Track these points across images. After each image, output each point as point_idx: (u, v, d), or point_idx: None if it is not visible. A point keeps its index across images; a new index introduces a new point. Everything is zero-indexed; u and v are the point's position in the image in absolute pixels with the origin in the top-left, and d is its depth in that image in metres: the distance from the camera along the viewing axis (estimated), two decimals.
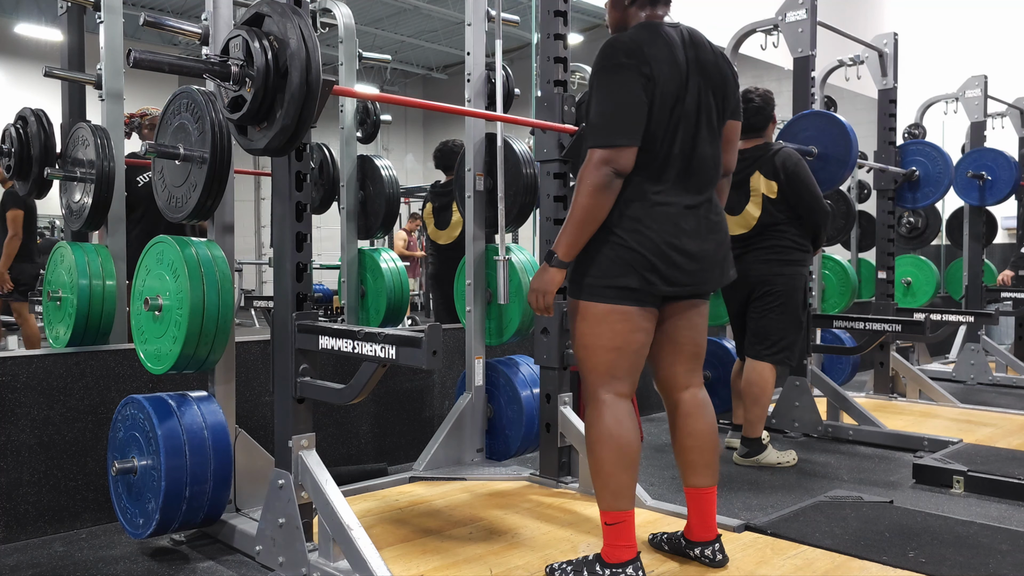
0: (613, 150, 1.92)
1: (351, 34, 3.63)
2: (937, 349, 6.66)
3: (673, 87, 1.96)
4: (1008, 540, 2.38)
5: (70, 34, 3.24)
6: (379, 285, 3.62)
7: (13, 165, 3.17)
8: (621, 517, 1.99)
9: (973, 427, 3.99)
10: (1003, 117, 6.35)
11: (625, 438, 2.00)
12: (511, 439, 3.15)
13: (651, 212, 1.98)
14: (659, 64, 1.95)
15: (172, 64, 1.91)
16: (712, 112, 2.05)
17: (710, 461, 2.15)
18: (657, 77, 1.94)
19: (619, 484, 1.99)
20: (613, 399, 2.03)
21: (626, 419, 2.02)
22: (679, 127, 1.99)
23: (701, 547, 2.17)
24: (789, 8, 4.14)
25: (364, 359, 2.00)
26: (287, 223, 2.18)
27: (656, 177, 1.99)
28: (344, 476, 2.98)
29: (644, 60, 1.94)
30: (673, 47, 1.99)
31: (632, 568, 1.97)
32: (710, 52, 2.07)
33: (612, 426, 2.00)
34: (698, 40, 2.07)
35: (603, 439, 2.01)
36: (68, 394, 2.63)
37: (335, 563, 2.08)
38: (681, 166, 2.01)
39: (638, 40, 1.97)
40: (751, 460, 3.42)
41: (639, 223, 1.97)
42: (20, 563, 2.34)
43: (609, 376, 2.03)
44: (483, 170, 3.14)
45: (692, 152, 2.02)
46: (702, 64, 2.03)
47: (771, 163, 3.40)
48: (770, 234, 3.42)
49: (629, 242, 1.97)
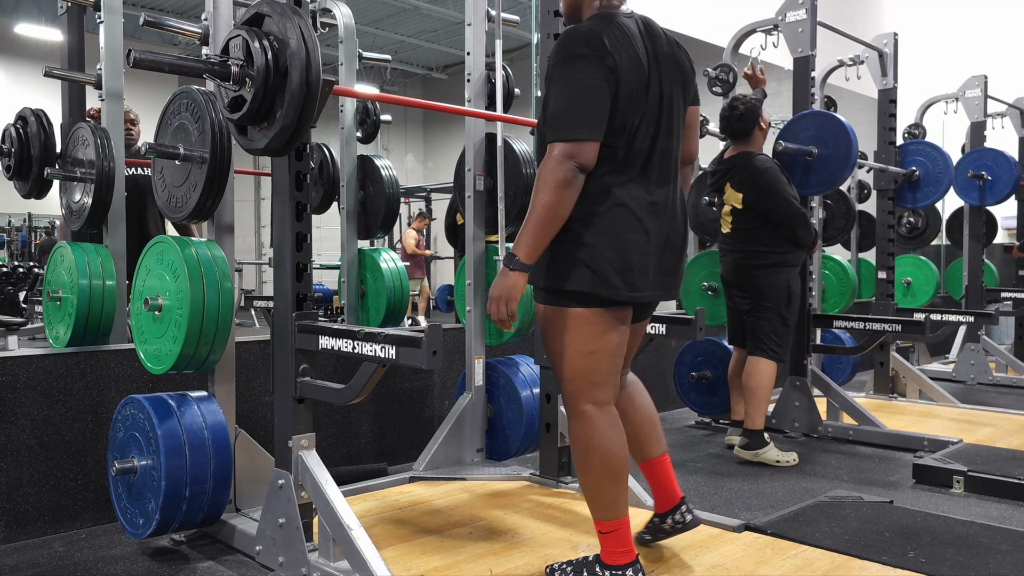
0: (575, 144, 1.82)
1: (351, 34, 3.63)
2: (937, 349, 6.66)
3: (635, 79, 1.90)
4: (1008, 540, 2.38)
5: (70, 34, 3.24)
6: (379, 285, 3.62)
7: (13, 165, 3.17)
8: (616, 525, 1.97)
9: (973, 427, 3.99)
10: (1003, 117, 6.35)
11: (611, 450, 1.95)
12: (511, 439, 3.15)
13: (614, 210, 1.90)
14: (620, 56, 1.87)
15: (172, 64, 1.91)
16: (673, 103, 2.00)
17: (658, 431, 2.22)
18: (620, 69, 1.87)
19: (609, 496, 1.96)
20: (595, 410, 1.96)
21: (610, 430, 1.96)
22: (641, 121, 1.92)
23: (671, 514, 2.21)
24: (789, 8, 4.14)
25: (364, 359, 2.00)
26: (287, 223, 2.18)
27: (619, 171, 1.92)
28: (344, 476, 2.98)
29: (606, 51, 1.86)
30: (632, 38, 1.92)
31: (632, 571, 1.96)
32: (666, 42, 2.01)
33: (597, 439, 1.95)
34: (654, 30, 2.01)
35: (589, 453, 1.95)
36: (68, 394, 2.63)
37: (335, 563, 2.08)
38: (644, 160, 1.94)
39: (598, 31, 1.89)
40: (751, 453, 3.44)
41: (601, 221, 1.90)
42: (20, 563, 2.34)
43: (588, 384, 1.95)
44: (483, 170, 3.14)
45: (654, 145, 1.95)
46: (660, 55, 1.97)
47: (740, 176, 3.55)
48: (744, 238, 3.59)
49: (591, 241, 1.89)
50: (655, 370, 4.63)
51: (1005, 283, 6.78)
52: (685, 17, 6.24)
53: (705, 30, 6.21)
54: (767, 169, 3.52)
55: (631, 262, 1.91)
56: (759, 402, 3.47)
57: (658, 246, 1.97)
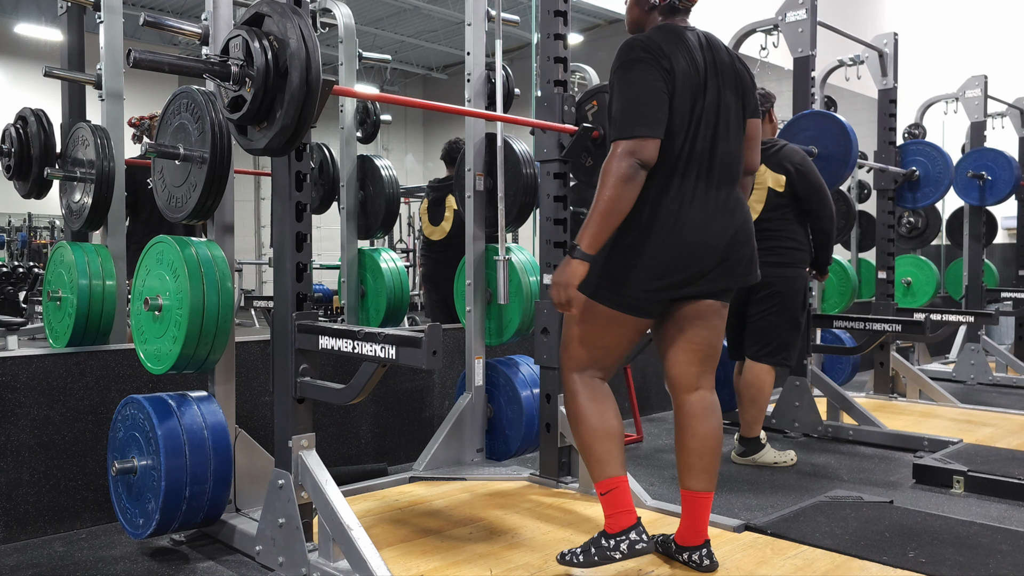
0: (636, 141, 1.93)
1: (351, 34, 3.63)
2: (937, 349, 6.66)
3: (692, 84, 2.00)
4: (1008, 540, 2.38)
5: (70, 34, 3.23)
6: (379, 285, 3.62)
7: (13, 165, 3.17)
8: (613, 484, 2.06)
9: (973, 427, 3.99)
10: (1003, 117, 6.36)
11: (600, 408, 2.11)
12: (511, 439, 3.15)
13: (673, 213, 2.01)
14: (677, 60, 1.99)
15: (172, 64, 1.91)
16: (731, 111, 2.10)
17: (709, 466, 2.12)
18: (676, 72, 1.98)
19: (602, 451, 2.08)
20: (584, 379, 2.14)
21: (599, 393, 2.13)
22: (700, 124, 2.02)
23: (689, 552, 2.14)
24: (789, 8, 4.14)
25: (364, 359, 2.00)
26: (287, 223, 2.18)
27: (680, 174, 2.02)
28: (344, 476, 2.98)
29: (663, 55, 1.98)
30: (691, 48, 2.04)
31: (635, 533, 2.02)
32: (726, 54, 2.13)
33: (587, 401, 2.11)
34: (715, 43, 2.13)
35: (581, 414, 2.12)
36: (68, 394, 2.63)
37: (335, 563, 2.08)
38: (705, 163, 2.04)
39: (655, 38, 2.02)
40: (748, 459, 3.43)
41: (660, 224, 2.00)
42: (20, 563, 2.34)
43: (589, 365, 2.14)
44: (483, 170, 3.14)
45: (713, 149, 2.05)
46: (719, 65, 2.08)
47: (776, 158, 3.42)
48: (772, 234, 3.40)
49: (646, 247, 2.01)
50: (655, 370, 4.63)
51: (1005, 283, 6.78)
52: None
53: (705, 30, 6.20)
54: (805, 155, 3.46)
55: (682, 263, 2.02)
56: (759, 411, 3.42)
57: (725, 241, 2.06)
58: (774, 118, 3.58)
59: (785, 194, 3.41)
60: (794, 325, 3.44)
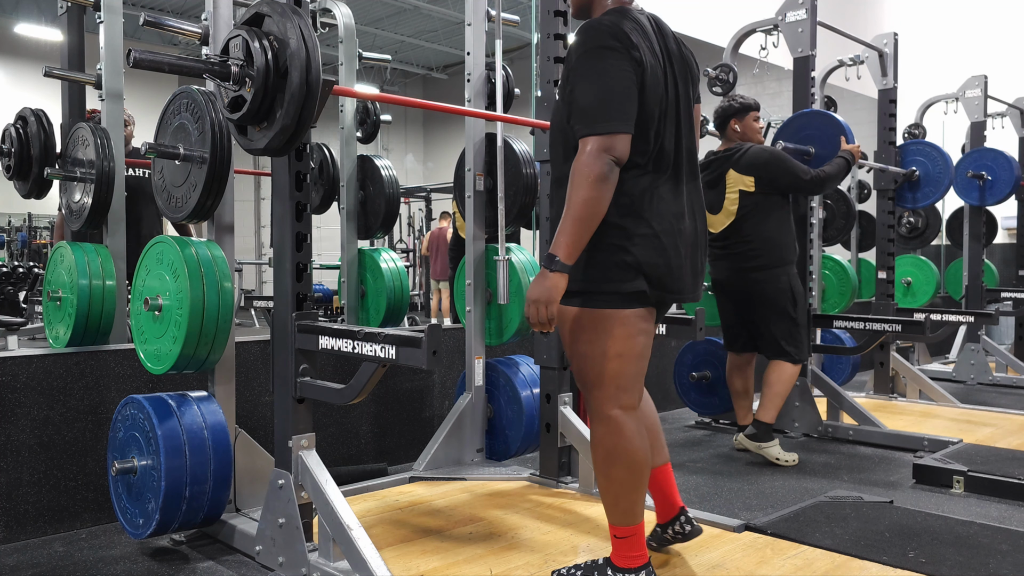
0: (610, 137, 1.78)
1: (351, 34, 3.63)
2: (937, 349, 6.66)
3: (657, 75, 1.89)
4: (1008, 540, 2.38)
5: (70, 34, 3.23)
6: (379, 285, 3.62)
7: (13, 165, 3.17)
8: (632, 531, 1.94)
9: (973, 427, 3.99)
10: (1003, 117, 6.35)
11: (635, 456, 1.91)
12: (511, 439, 3.15)
13: (650, 208, 1.88)
14: (644, 51, 1.86)
15: (172, 64, 1.91)
16: (684, 101, 1.99)
17: (661, 440, 2.20)
18: (644, 63, 1.85)
19: (629, 502, 1.92)
20: (622, 414, 1.91)
21: (637, 437, 1.91)
22: (665, 117, 1.91)
23: (671, 525, 2.20)
24: (789, 8, 4.14)
25: (364, 359, 2.00)
26: (287, 223, 2.18)
27: (653, 170, 1.90)
28: (344, 476, 2.98)
29: (632, 44, 1.84)
30: (648, 36, 1.91)
31: (645, 573, 1.93)
32: (673, 40, 2.01)
33: (623, 445, 1.90)
34: (664, 29, 2.00)
35: (614, 459, 1.91)
36: (68, 394, 2.63)
37: (335, 563, 2.08)
38: (673, 159, 1.93)
39: (620, 25, 1.86)
40: (755, 444, 3.46)
41: (638, 220, 1.87)
42: (20, 563, 2.34)
43: (615, 387, 1.90)
44: (483, 170, 3.14)
45: (679, 144, 1.95)
46: (671, 53, 1.97)
47: (742, 163, 3.57)
48: (744, 238, 3.54)
49: (625, 242, 1.87)
50: (655, 370, 4.63)
51: (1005, 283, 6.78)
52: (685, 17, 6.23)
53: (705, 30, 6.20)
54: (767, 148, 3.61)
55: (670, 263, 1.91)
56: (776, 397, 3.52)
57: (691, 246, 1.97)
58: (756, 124, 3.67)
59: (756, 191, 3.53)
60: (788, 322, 3.54)
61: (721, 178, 3.61)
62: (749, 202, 3.54)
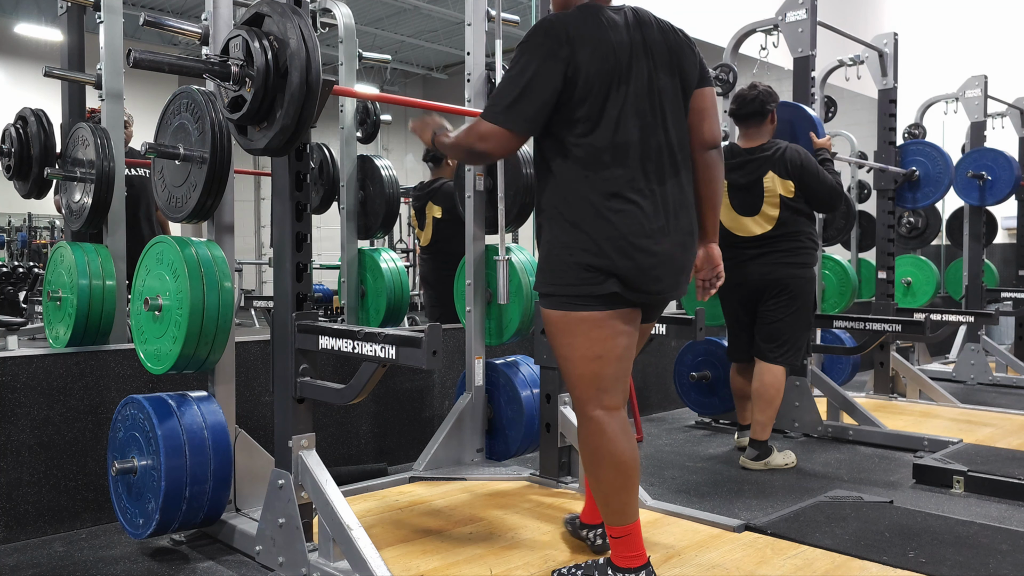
0: (490, 127, 1.88)
1: (351, 34, 3.63)
2: (937, 349, 6.66)
3: (606, 69, 1.85)
4: (1008, 540, 2.38)
5: (70, 34, 3.23)
6: (379, 285, 3.62)
7: (13, 165, 3.17)
8: (626, 531, 1.94)
9: (973, 427, 3.99)
10: (1003, 117, 6.35)
11: (621, 456, 1.91)
12: (511, 439, 3.15)
13: (614, 209, 1.86)
14: (584, 46, 1.84)
15: (172, 64, 1.91)
16: (666, 95, 1.94)
17: None
18: (579, 60, 1.84)
19: (620, 502, 1.92)
20: (605, 415, 1.92)
21: (621, 436, 1.92)
22: (628, 113, 1.87)
23: (588, 529, 2.28)
24: (789, 8, 4.14)
25: (364, 359, 2.00)
26: (287, 223, 2.18)
27: (614, 164, 1.87)
28: (344, 476, 2.98)
29: (563, 42, 1.84)
30: (612, 29, 1.88)
31: (645, 573, 1.93)
32: (657, 30, 1.96)
33: (607, 445, 1.91)
34: (644, 19, 1.96)
35: (600, 459, 1.93)
36: (68, 394, 2.63)
37: (335, 563, 2.08)
38: (640, 153, 1.89)
39: (566, 21, 1.87)
40: (761, 463, 3.37)
41: (598, 221, 1.86)
42: (20, 563, 2.34)
43: (595, 389, 1.92)
44: (483, 170, 3.14)
45: (650, 138, 1.90)
46: (650, 44, 1.93)
47: (782, 162, 3.39)
48: (789, 236, 3.41)
49: (588, 244, 1.86)
50: (655, 370, 4.63)
51: (1005, 283, 6.78)
52: (685, 17, 6.23)
53: (705, 30, 6.19)
54: (809, 155, 3.43)
55: (640, 264, 1.88)
56: (774, 412, 3.40)
57: (674, 244, 1.93)
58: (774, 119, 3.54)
59: (796, 197, 3.40)
60: (807, 325, 3.48)
61: (759, 181, 3.41)
62: (788, 212, 3.39)
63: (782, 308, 3.40)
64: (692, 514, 2.57)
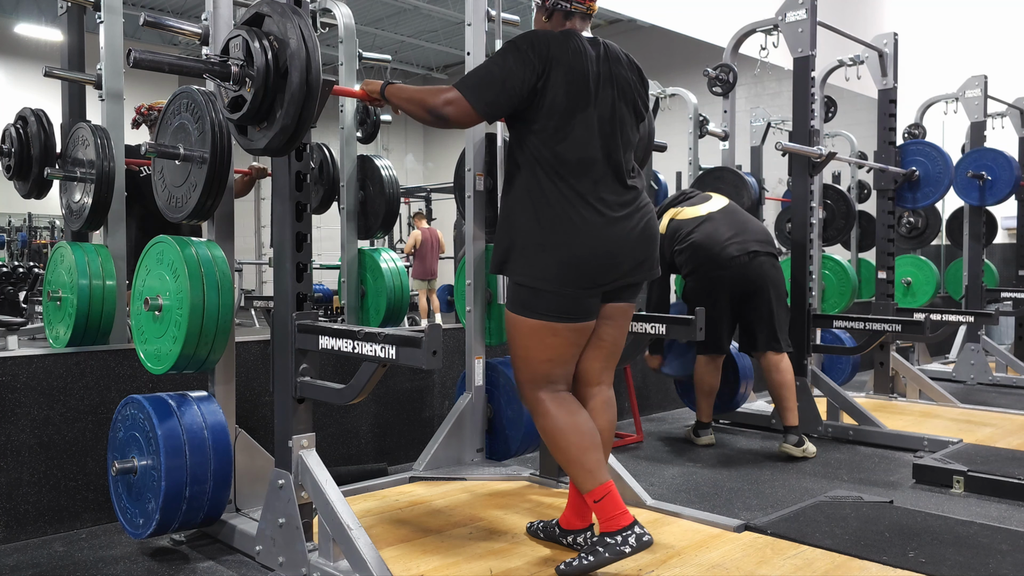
0: (458, 96, 2.09)
1: (351, 34, 3.63)
2: (937, 349, 6.66)
3: (574, 91, 2.09)
4: (1008, 540, 2.38)
5: (70, 34, 3.24)
6: (379, 285, 3.62)
7: (13, 165, 3.17)
8: (604, 490, 2.08)
9: (973, 427, 3.99)
10: (1003, 117, 6.36)
11: (579, 421, 2.13)
12: (511, 439, 3.15)
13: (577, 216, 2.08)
14: (558, 64, 2.08)
15: (172, 64, 1.91)
16: (626, 123, 2.20)
17: (605, 457, 2.27)
18: (549, 74, 2.08)
19: (590, 462, 2.10)
20: (551, 394, 2.16)
21: (572, 404, 2.17)
22: (590, 133, 2.11)
23: (574, 535, 2.28)
24: (789, 8, 4.13)
25: (364, 359, 2.00)
26: (287, 223, 2.18)
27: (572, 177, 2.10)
28: (344, 476, 2.98)
29: (543, 57, 2.07)
30: (583, 56, 2.12)
31: (637, 527, 2.06)
32: (626, 67, 2.23)
33: (563, 415, 2.14)
34: (614, 55, 2.21)
35: (560, 430, 2.13)
36: (68, 394, 2.63)
37: (335, 563, 2.08)
38: (599, 169, 2.13)
39: (550, 41, 2.11)
40: (800, 450, 3.52)
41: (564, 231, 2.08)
42: (20, 563, 2.34)
43: (546, 382, 2.17)
44: (483, 170, 3.14)
45: (609, 157, 2.14)
46: (617, 78, 2.18)
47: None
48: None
49: (553, 255, 2.08)
50: None
51: (1005, 283, 6.78)
52: (685, 17, 6.24)
53: (705, 30, 6.20)
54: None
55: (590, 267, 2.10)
56: (794, 395, 3.60)
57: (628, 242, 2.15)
58: None
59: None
60: (786, 308, 3.71)
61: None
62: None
63: (771, 299, 3.61)
64: (692, 514, 2.57)
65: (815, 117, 4.10)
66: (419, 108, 2.17)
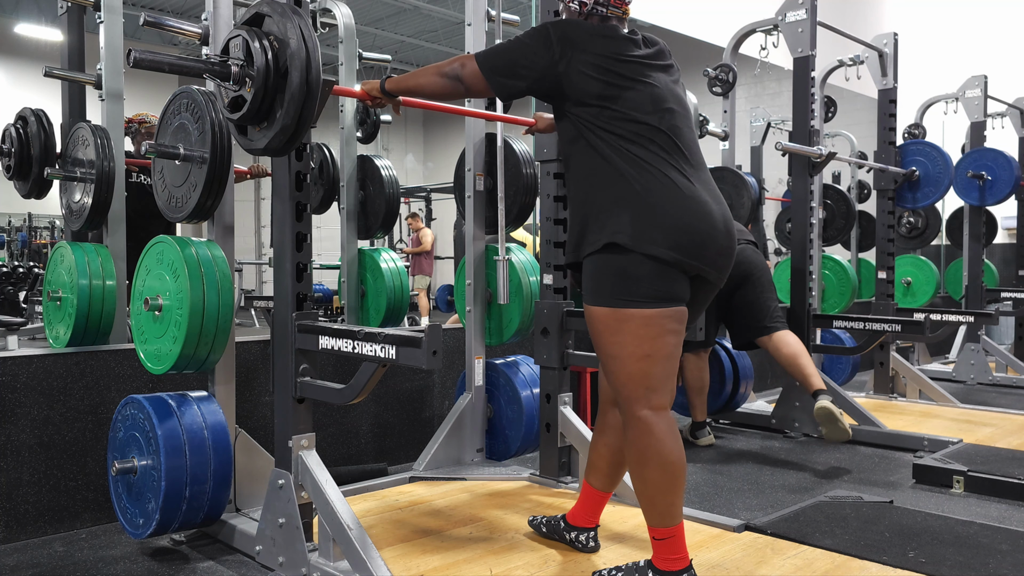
0: (474, 64, 2.07)
1: (351, 34, 3.63)
2: (937, 349, 6.65)
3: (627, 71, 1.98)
4: (1008, 540, 2.38)
5: (70, 34, 3.23)
6: (379, 285, 3.62)
7: (13, 165, 3.17)
8: (670, 532, 1.92)
9: (973, 427, 3.99)
10: (1003, 117, 6.36)
11: (669, 457, 1.89)
12: (511, 439, 3.15)
13: (667, 194, 1.91)
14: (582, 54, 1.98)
15: (172, 64, 1.91)
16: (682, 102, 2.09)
17: (622, 472, 2.25)
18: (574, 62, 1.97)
19: (666, 504, 1.91)
20: (652, 415, 1.90)
21: (669, 437, 1.90)
22: (655, 110, 1.98)
23: (578, 532, 2.29)
24: (789, 8, 4.14)
25: (364, 359, 2.00)
26: (287, 223, 2.18)
27: (663, 150, 1.95)
28: (344, 476, 2.98)
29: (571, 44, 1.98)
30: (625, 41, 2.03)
31: (688, 575, 1.92)
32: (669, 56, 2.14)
33: (655, 446, 1.89)
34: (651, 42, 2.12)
35: (648, 460, 1.90)
36: (68, 394, 2.63)
37: (335, 563, 2.08)
38: (677, 144, 1.98)
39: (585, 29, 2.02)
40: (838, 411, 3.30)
41: (653, 210, 1.89)
42: (20, 563, 2.34)
43: (644, 388, 1.90)
44: (483, 170, 3.14)
45: (678, 133, 2.00)
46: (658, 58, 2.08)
47: None
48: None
49: (641, 237, 1.87)
50: None
51: (1005, 283, 6.78)
52: (685, 17, 6.24)
53: (705, 30, 6.20)
54: None
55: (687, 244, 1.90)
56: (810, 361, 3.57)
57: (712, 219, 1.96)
58: None
59: None
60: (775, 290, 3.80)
61: None
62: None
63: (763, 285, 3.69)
64: (692, 514, 2.57)
65: (815, 117, 4.10)
66: (430, 76, 2.13)
